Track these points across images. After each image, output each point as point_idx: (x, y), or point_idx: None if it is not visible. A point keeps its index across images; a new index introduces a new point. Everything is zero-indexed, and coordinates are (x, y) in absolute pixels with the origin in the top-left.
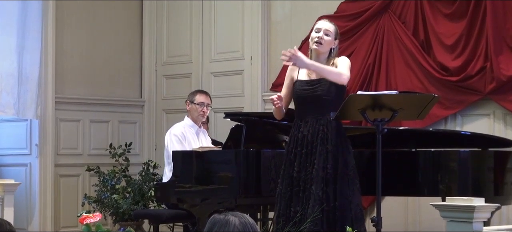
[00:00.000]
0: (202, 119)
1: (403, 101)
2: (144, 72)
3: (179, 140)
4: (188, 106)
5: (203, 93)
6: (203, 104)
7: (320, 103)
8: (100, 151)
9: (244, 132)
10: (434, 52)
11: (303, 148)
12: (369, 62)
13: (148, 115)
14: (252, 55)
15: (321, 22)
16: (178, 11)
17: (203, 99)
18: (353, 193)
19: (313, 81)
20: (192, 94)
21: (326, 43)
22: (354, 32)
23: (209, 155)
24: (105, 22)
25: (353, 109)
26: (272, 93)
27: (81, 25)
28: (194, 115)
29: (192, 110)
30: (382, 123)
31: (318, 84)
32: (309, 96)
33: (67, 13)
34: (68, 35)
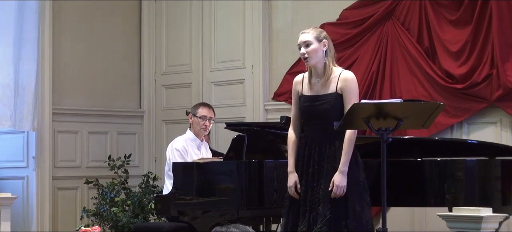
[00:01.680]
0: (204, 133)
1: (408, 110)
2: (143, 82)
3: (181, 155)
4: (191, 119)
5: (206, 106)
6: (206, 118)
7: (326, 119)
8: (99, 163)
9: (245, 142)
10: (439, 59)
11: (310, 167)
12: (373, 70)
13: (148, 126)
14: (253, 63)
15: (299, 37)
16: (177, 19)
17: (205, 112)
18: (363, 210)
19: (319, 96)
20: (194, 107)
21: (312, 53)
22: (357, 39)
23: (210, 166)
24: (103, 31)
25: (357, 118)
26: (274, 102)
27: (78, 34)
28: (196, 129)
29: (194, 124)
30: (386, 132)
31: (323, 99)
32: (314, 111)
33: (64, 22)
34: (65, 45)
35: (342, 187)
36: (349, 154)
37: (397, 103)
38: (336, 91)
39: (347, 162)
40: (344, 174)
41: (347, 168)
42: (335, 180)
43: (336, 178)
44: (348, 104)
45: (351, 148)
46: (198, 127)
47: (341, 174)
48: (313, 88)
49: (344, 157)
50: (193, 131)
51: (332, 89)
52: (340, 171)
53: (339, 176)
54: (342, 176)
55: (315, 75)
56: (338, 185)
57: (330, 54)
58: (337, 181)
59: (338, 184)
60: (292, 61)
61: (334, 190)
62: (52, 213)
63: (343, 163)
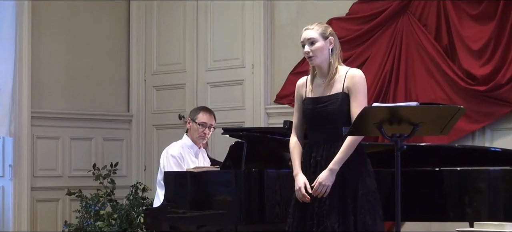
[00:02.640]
0: (202, 141)
1: (425, 114)
2: (132, 83)
3: (177, 163)
4: (189, 123)
5: (207, 111)
6: (205, 125)
7: (333, 122)
8: (82, 172)
9: (245, 150)
10: (459, 59)
11: (317, 176)
12: (386, 70)
13: (137, 131)
14: (254, 63)
15: (302, 34)
16: (169, 14)
17: (206, 119)
18: (375, 223)
19: (324, 98)
20: (194, 111)
21: (317, 51)
22: (369, 36)
23: (205, 176)
24: (87, 28)
25: (368, 123)
26: (277, 105)
27: (60, 31)
28: (194, 135)
29: (192, 130)
30: (401, 139)
31: (328, 100)
32: (319, 114)
33: (44, 18)
34: (46, 43)
35: (326, 186)
36: (346, 153)
37: (413, 106)
38: (342, 90)
39: (341, 161)
40: (332, 174)
41: (338, 167)
42: (321, 176)
43: (322, 174)
44: (355, 104)
45: (351, 148)
46: (197, 134)
47: (330, 172)
48: (317, 89)
49: (339, 155)
50: (190, 137)
51: (338, 89)
52: (330, 168)
53: (326, 174)
54: (329, 175)
55: (320, 75)
56: (322, 183)
57: (336, 52)
58: (322, 178)
59: (322, 182)
60: (296, 60)
61: (316, 186)
62: (31, 227)
63: (335, 161)
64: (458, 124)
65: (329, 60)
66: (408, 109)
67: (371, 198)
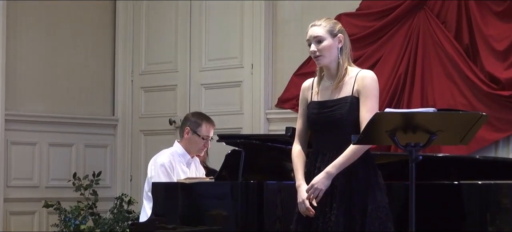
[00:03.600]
0: (201, 153)
1: (443, 121)
2: (117, 84)
3: (166, 173)
4: (188, 134)
5: (210, 123)
6: (208, 138)
7: (341, 128)
8: (61, 182)
9: (242, 159)
10: (482, 60)
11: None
12: (400, 72)
13: (122, 137)
14: (253, 62)
15: (308, 31)
16: (160, 7)
17: (210, 131)
18: None
19: (331, 101)
20: (196, 121)
21: (325, 51)
22: (381, 34)
23: (198, 188)
24: (68, 22)
25: (379, 131)
26: (278, 110)
27: (38, 26)
28: (193, 148)
29: (191, 141)
30: (416, 148)
31: (336, 105)
32: (325, 120)
33: (21, 12)
34: (22, 39)
35: (319, 190)
36: (348, 159)
37: (430, 113)
38: (352, 94)
39: (340, 166)
40: (328, 177)
41: (336, 171)
42: (315, 179)
43: (317, 177)
44: (365, 109)
45: (355, 155)
46: (196, 147)
47: (326, 175)
48: (324, 92)
49: (340, 159)
50: (184, 146)
51: (347, 92)
52: (326, 171)
53: (320, 177)
54: (324, 178)
55: (328, 77)
56: (315, 186)
57: (346, 51)
58: (316, 181)
59: (315, 185)
60: (300, 59)
61: (308, 188)
62: None
63: (334, 164)
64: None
65: (338, 60)
66: (424, 115)
67: (382, 214)
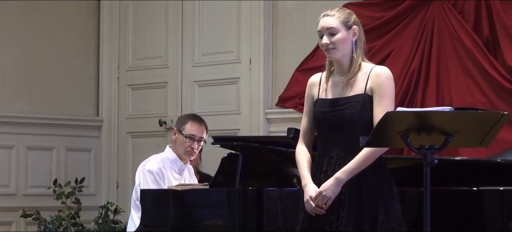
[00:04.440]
0: (188, 158)
1: (460, 122)
2: (102, 81)
3: (155, 180)
4: (175, 134)
5: (197, 121)
6: (194, 138)
7: (351, 130)
8: (41, 189)
9: (240, 163)
10: (503, 53)
11: None
12: (413, 67)
13: (107, 140)
14: (252, 57)
15: (320, 21)
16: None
17: (195, 130)
18: None
19: (340, 99)
20: (181, 120)
21: (338, 43)
22: (393, 26)
23: (191, 195)
24: (47, 14)
25: (391, 132)
26: (279, 109)
27: (13, 18)
28: (180, 150)
29: (178, 142)
30: (431, 151)
31: (347, 103)
32: (334, 119)
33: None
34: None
35: (328, 199)
36: (359, 165)
37: (446, 112)
38: (364, 92)
39: (351, 172)
40: (338, 184)
41: (346, 178)
42: (324, 185)
43: (326, 183)
44: (380, 109)
45: (367, 160)
46: (182, 148)
47: (335, 181)
48: (333, 89)
49: (351, 165)
50: (175, 151)
51: (359, 90)
52: (336, 177)
53: (330, 183)
54: (334, 185)
55: (338, 72)
56: (324, 193)
57: (360, 45)
58: (325, 188)
59: (324, 192)
60: (303, 53)
61: (316, 195)
62: None
63: (344, 170)
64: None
65: (351, 54)
66: (439, 115)
67: (394, 225)
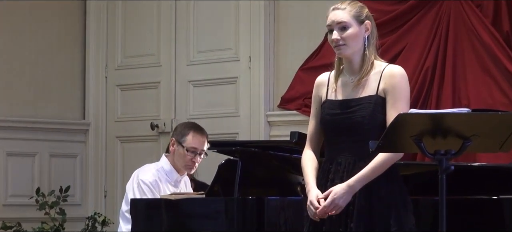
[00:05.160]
0: (188, 172)
1: (479, 124)
2: (89, 80)
3: (151, 192)
4: (173, 146)
5: (199, 132)
6: (196, 152)
7: (361, 134)
8: (22, 199)
9: (239, 170)
10: None
11: None
12: (427, 66)
13: (95, 145)
14: (251, 54)
15: (330, 15)
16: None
17: (197, 143)
18: None
19: (352, 101)
20: (181, 131)
21: (350, 39)
22: (405, 20)
23: (186, 205)
24: (29, 8)
25: (403, 136)
26: (281, 111)
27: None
28: (179, 163)
29: (177, 154)
30: (447, 157)
31: (357, 105)
32: (343, 122)
33: None
34: None
35: (338, 207)
36: (373, 172)
37: (463, 114)
38: (376, 93)
39: (364, 179)
40: (350, 192)
41: (359, 186)
42: (336, 190)
43: (338, 188)
44: (394, 112)
45: (382, 167)
46: (182, 162)
47: (348, 189)
48: (343, 89)
49: (364, 172)
50: (172, 162)
51: (371, 91)
52: (348, 184)
53: (342, 190)
54: (346, 193)
55: (348, 71)
56: (335, 200)
57: (373, 42)
58: (337, 193)
59: (335, 199)
60: (307, 51)
61: (328, 201)
62: None
63: (357, 178)
64: None
65: (363, 51)
66: (456, 117)
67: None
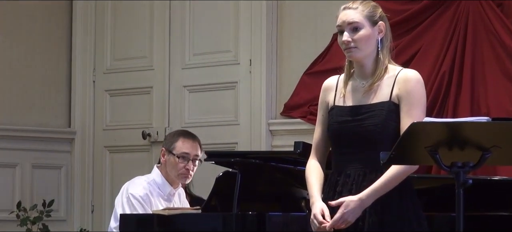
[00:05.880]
0: (183, 182)
1: (499, 134)
2: (75, 85)
3: (142, 207)
4: (164, 156)
5: (189, 137)
6: (188, 157)
7: (372, 143)
8: (3, 214)
9: (238, 183)
10: None
11: None
12: (444, 70)
13: (81, 155)
14: (252, 57)
15: (340, 14)
16: None
17: (188, 147)
18: None
19: (361, 107)
20: (170, 138)
21: (361, 42)
22: (419, 20)
23: (181, 220)
24: (10, 9)
25: (417, 146)
26: (284, 119)
27: None
28: (172, 173)
29: (168, 165)
30: (465, 170)
31: (368, 112)
32: (353, 131)
33: None
34: None
35: (348, 222)
36: (386, 186)
37: (482, 123)
38: (390, 99)
39: (378, 193)
40: (362, 206)
41: (370, 201)
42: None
43: (350, 202)
44: (409, 120)
45: (395, 180)
46: (175, 171)
47: (360, 203)
48: (352, 95)
49: (376, 185)
50: (164, 174)
51: (383, 96)
52: (360, 198)
53: (354, 204)
54: (356, 207)
55: (359, 75)
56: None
57: (387, 45)
58: (348, 207)
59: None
60: (313, 53)
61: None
62: None
63: (369, 193)
64: None
65: (376, 55)
66: (475, 126)
67: None
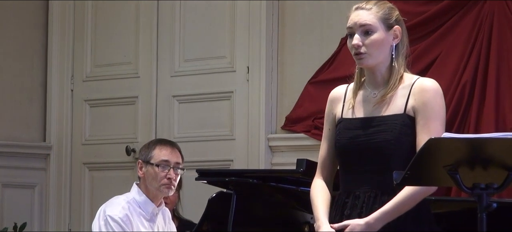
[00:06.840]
0: (166, 193)
1: None
2: (51, 94)
3: (121, 229)
4: (141, 169)
5: (167, 143)
6: (168, 165)
7: (385, 161)
8: None
9: (233, 205)
10: None
11: None
12: (466, 79)
13: (57, 172)
14: (250, 64)
15: (352, 15)
16: None
17: (167, 155)
18: None
19: (372, 120)
20: (146, 149)
21: (373, 47)
22: (438, 24)
23: None
24: None
25: (435, 165)
26: (286, 134)
27: None
28: (153, 186)
29: (148, 178)
30: (488, 192)
31: (380, 125)
32: (363, 146)
33: None
34: None
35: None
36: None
37: (508, 139)
38: (404, 111)
39: (389, 216)
40: (367, 230)
41: (379, 225)
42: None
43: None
44: (426, 134)
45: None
46: (156, 183)
47: (366, 227)
48: (363, 106)
49: (386, 207)
50: (144, 190)
51: (398, 109)
52: (368, 222)
53: (359, 227)
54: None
55: (370, 84)
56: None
57: (403, 51)
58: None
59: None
60: (319, 60)
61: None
62: None
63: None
64: None
65: (391, 62)
66: (499, 143)
67: None
